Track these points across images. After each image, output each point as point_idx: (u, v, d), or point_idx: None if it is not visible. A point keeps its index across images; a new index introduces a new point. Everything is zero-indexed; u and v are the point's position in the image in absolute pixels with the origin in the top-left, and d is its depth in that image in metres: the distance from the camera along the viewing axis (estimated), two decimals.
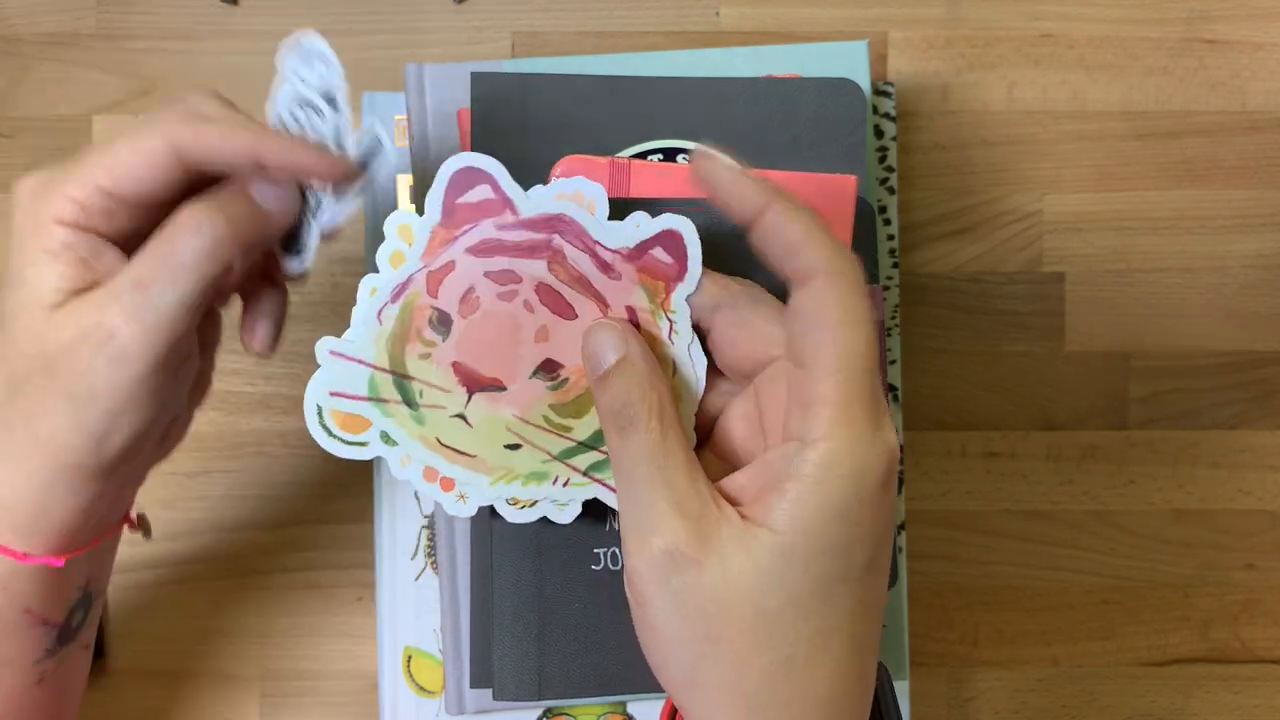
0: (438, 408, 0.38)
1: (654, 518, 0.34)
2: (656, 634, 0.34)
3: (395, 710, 0.50)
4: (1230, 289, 0.55)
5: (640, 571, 0.34)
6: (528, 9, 0.54)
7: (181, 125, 0.37)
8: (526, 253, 0.37)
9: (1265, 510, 0.55)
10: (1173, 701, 0.55)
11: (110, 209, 0.37)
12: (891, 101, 0.52)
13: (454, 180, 0.37)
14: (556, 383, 0.38)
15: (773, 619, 0.33)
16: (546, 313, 0.38)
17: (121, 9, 0.54)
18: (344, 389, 0.38)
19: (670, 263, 0.37)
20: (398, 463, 0.39)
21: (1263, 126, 0.55)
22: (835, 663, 0.34)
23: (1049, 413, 0.54)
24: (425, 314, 0.38)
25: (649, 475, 0.34)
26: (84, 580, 0.40)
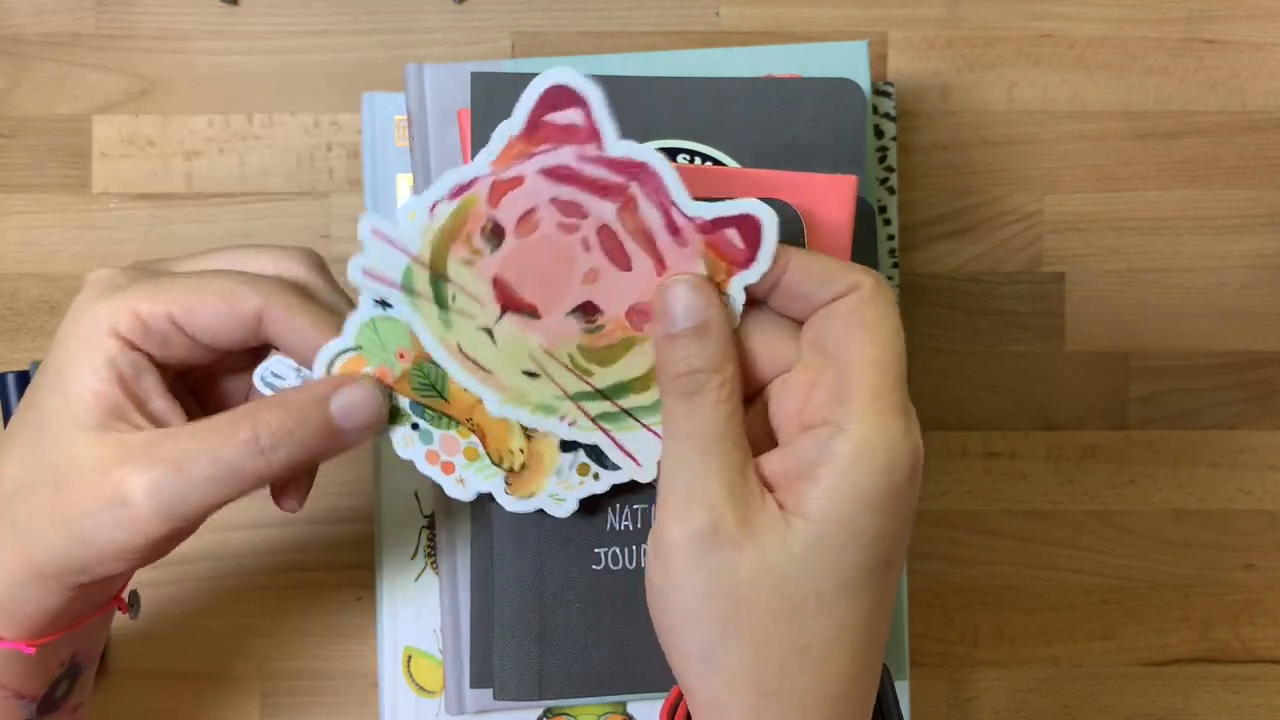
0: (467, 315, 0.37)
1: (705, 492, 0.33)
2: (676, 607, 0.34)
3: (395, 710, 0.50)
4: (1230, 289, 0.55)
5: (676, 542, 0.33)
6: (528, 9, 0.54)
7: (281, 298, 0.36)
8: (600, 191, 0.36)
9: (1265, 510, 0.55)
10: (1173, 701, 0.55)
11: (170, 338, 0.36)
12: (891, 101, 0.52)
13: (547, 95, 0.35)
14: (592, 327, 0.37)
15: (797, 609, 0.33)
16: (602, 256, 0.36)
17: (121, 9, 0.54)
18: (379, 271, 0.37)
19: (741, 248, 0.36)
20: (402, 441, 0.39)
21: (1263, 126, 0.55)
22: (849, 657, 0.34)
23: (1049, 413, 0.54)
24: (480, 221, 0.36)
25: (708, 447, 0.34)
26: (69, 655, 0.40)
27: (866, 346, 0.34)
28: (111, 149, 0.53)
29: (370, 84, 0.53)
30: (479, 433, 0.39)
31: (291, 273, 0.38)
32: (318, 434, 0.36)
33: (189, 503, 0.35)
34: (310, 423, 0.36)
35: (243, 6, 0.54)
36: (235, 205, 0.53)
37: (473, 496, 0.40)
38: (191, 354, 0.37)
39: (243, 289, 0.36)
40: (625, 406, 0.38)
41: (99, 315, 0.36)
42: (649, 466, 0.39)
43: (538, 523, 0.43)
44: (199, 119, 0.53)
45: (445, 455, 0.39)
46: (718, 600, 0.33)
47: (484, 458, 0.39)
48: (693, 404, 0.34)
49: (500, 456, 0.39)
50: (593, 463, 0.40)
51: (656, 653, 0.44)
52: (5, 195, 0.54)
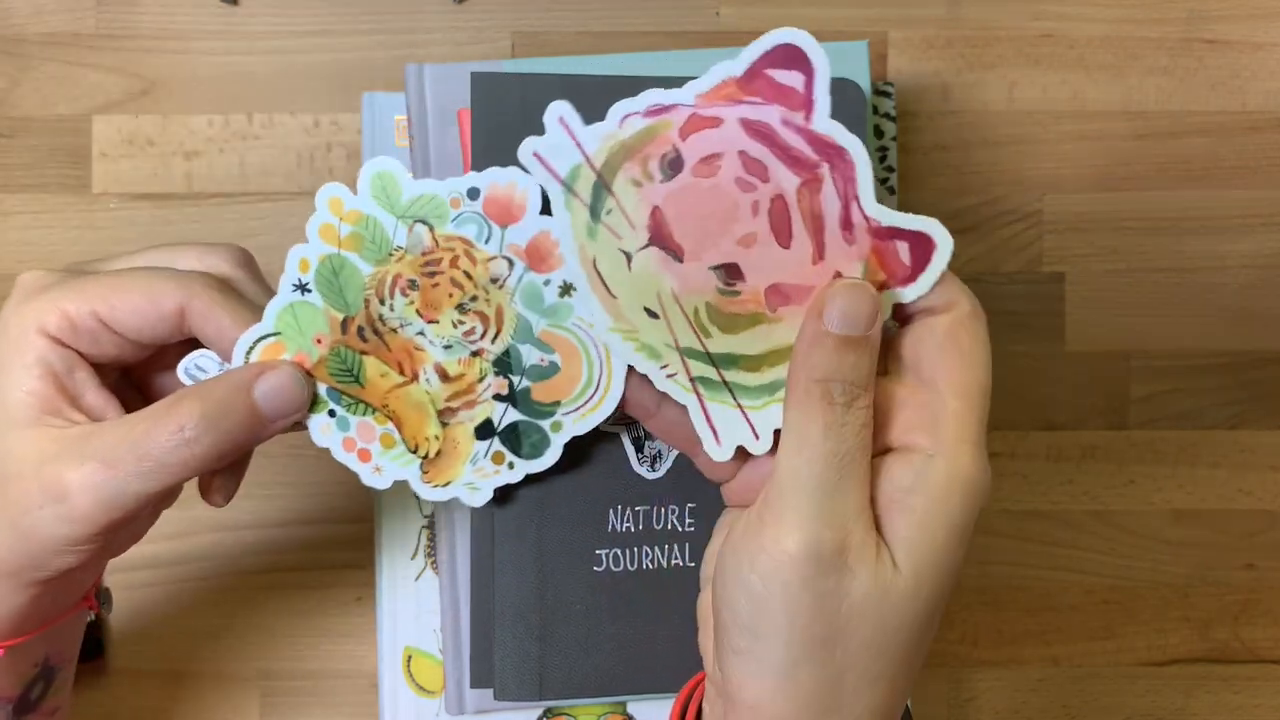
0: (614, 233, 0.37)
1: (835, 513, 0.32)
2: (767, 618, 0.33)
3: (395, 710, 0.50)
4: (1230, 289, 0.55)
5: (794, 557, 0.32)
6: (528, 9, 0.54)
7: (203, 292, 0.37)
8: (790, 161, 0.35)
9: (1265, 510, 0.55)
10: (1173, 701, 0.55)
11: (98, 335, 0.37)
12: (891, 101, 0.52)
13: (776, 51, 0.35)
14: (728, 290, 0.36)
15: (886, 640, 0.33)
16: (766, 225, 0.36)
17: (121, 9, 0.54)
18: (549, 159, 0.36)
19: (906, 264, 0.35)
20: (319, 429, 0.39)
21: (1263, 126, 0.55)
22: (907, 680, 0.34)
23: (1049, 413, 0.54)
24: (664, 148, 0.36)
25: (847, 466, 0.33)
26: (42, 656, 0.40)
27: (963, 373, 0.34)
28: (111, 149, 0.53)
29: (370, 84, 0.53)
30: (395, 419, 0.39)
31: (216, 268, 0.39)
32: (242, 422, 0.36)
33: (124, 495, 0.35)
34: (234, 411, 0.36)
35: (243, 6, 0.54)
36: (235, 205, 0.53)
37: (389, 485, 0.39)
38: (123, 350, 0.37)
39: (164, 285, 0.36)
40: (728, 379, 0.37)
41: (27, 316, 0.36)
42: (728, 446, 0.37)
43: (539, 523, 0.43)
44: (199, 119, 0.53)
45: (362, 442, 0.39)
46: (817, 622, 0.32)
47: (400, 444, 0.39)
48: (840, 417, 0.33)
49: (416, 443, 0.39)
50: (507, 450, 0.40)
51: (657, 653, 0.44)
52: (5, 195, 0.54)
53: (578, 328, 0.38)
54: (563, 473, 0.43)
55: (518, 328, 0.39)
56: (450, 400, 0.39)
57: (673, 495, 0.44)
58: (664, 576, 0.44)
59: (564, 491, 0.44)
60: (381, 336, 0.38)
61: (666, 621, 0.44)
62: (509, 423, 0.39)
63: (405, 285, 0.38)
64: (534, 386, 0.39)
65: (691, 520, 0.44)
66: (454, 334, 0.38)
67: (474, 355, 0.39)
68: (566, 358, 0.39)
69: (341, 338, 0.38)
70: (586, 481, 0.44)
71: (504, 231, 0.38)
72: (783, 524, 0.32)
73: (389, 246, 0.38)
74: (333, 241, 0.38)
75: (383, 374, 0.39)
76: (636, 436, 0.44)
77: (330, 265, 0.38)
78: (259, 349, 0.38)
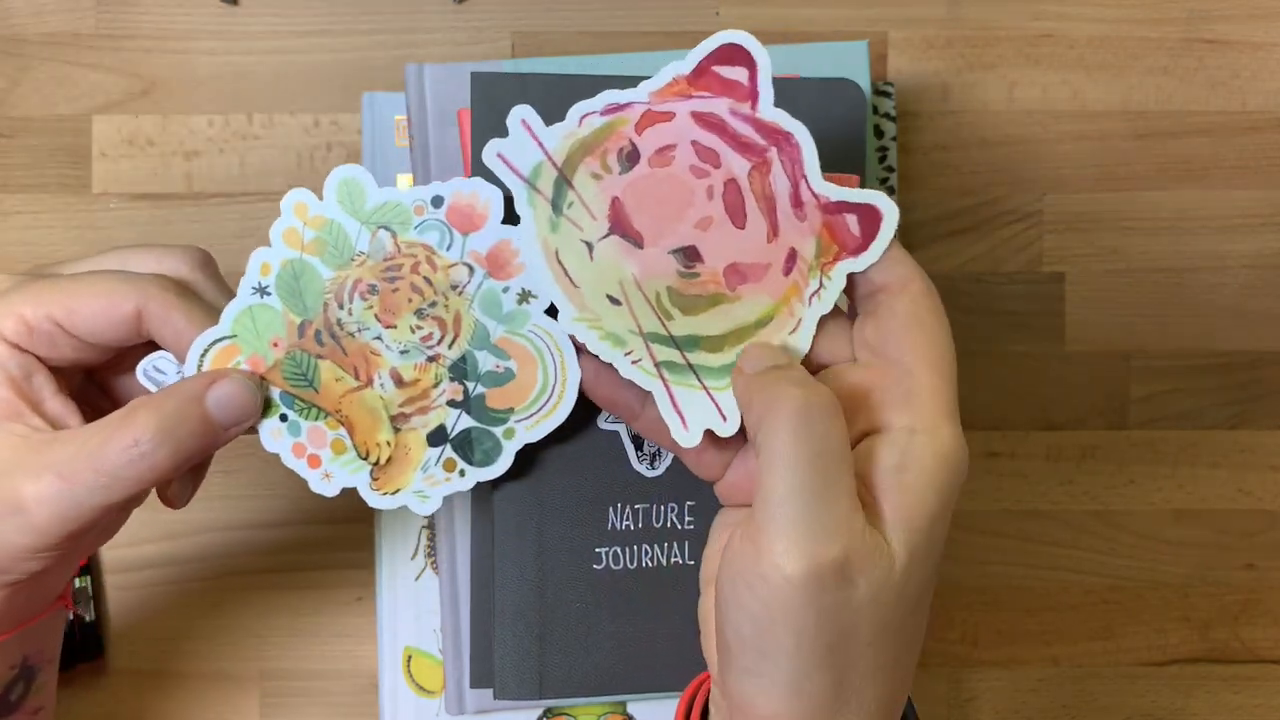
0: (575, 225, 0.38)
1: (828, 521, 0.32)
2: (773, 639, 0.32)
3: (395, 710, 0.50)
4: (1230, 289, 0.55)
5: (792, 578, 0.31)
6: (528, 9, 0.54)
7: (159, 295, 0.37)
8: (740, 147, 0.37)
9: (1265, 510, 0.55)
10: (1173, 701, 0.55)
11: (56, 339, 0.37)
12: (891, 101, 0.52)
13: (721, 50, 0.37)
14: (688, 272, 0.37)
15: (888, 632, 0.33)
16: (721, 208, 0.37)
17: (121, 9, 0.54)
18: (512, 159, 0.37)
19: (856, 235, 0.37)
20: (270, 434, 0.39)
21: (1263, 126, 0.55)
22: (909, 666, 0.35)
23: (1049, 413, 0.54)
24: (621, 142, 0.37)
25: (834, 472, 0.32)
26: (20, 657, 0.40)
27: (930, 348, 0.34)
28: (111, 149, 0.53)
29: (370, 84, 0.53)
30: (347, 424, 0.39)
31: (175, 270, 0.39)
32: (196, 431, 0.36)
33: (81, 507, 0.35)
34: (188, 422, 0.36)
35: (243, 6, 0.54)
36: (235, 205, 0.53)
37: (337, 492, 0.39)
38: (81, 354, 0.38)
39: (121, 288, 0.36)
40: (692, 361, 0.38)
41: None
42: (695, 430, 0.37)
43: (538, 522, 0.43)
44: (199, 119, 0.53)
45: (312, 448, 0.39)
46: (824, 634, 0.32)
47: (350, 450, 0.39)
48: (821, 424, 0.32)
49: (367, 449, 0.39)
50: (459, 458, 0.40)
51: (657, 652, 0.44)
52: (5, 195, 0.54)
53: (534, 334, 0.39)
54: (562, 471, 0.44)
55: (475, 334, 0.39)
56: (404, 405, 0.39)
57: (672, 493, 0.44)
58: (664, 575, 0.44)
59: (564, 490, 0.44)
60: (338, 341, 0.39)
61: (667, 620, 0.44)
62: (462, 429, 0.40)
63: (365, 289, 0.39)
64: (489, 393, 0.39)
65: (691, 518, 0.44)
66: (411, 339, 0.39)
67: (430, 361, 0.39)
68: (522, 364, 0.39)
69: (298, 342, 0.39)
70: (586, 480, 0.44)
71: (465, 239, 0.39)
72: (777, 546, 0.32)
73: (351, 252, 0.39)
74: (296, 246, 0.38)
75: (337, 378, 0.39)
76: (636, 434, 0.44)
77: (292, 269, 0.38)
78: (214, 352, 0.38)
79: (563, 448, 0.43)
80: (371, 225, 0.38)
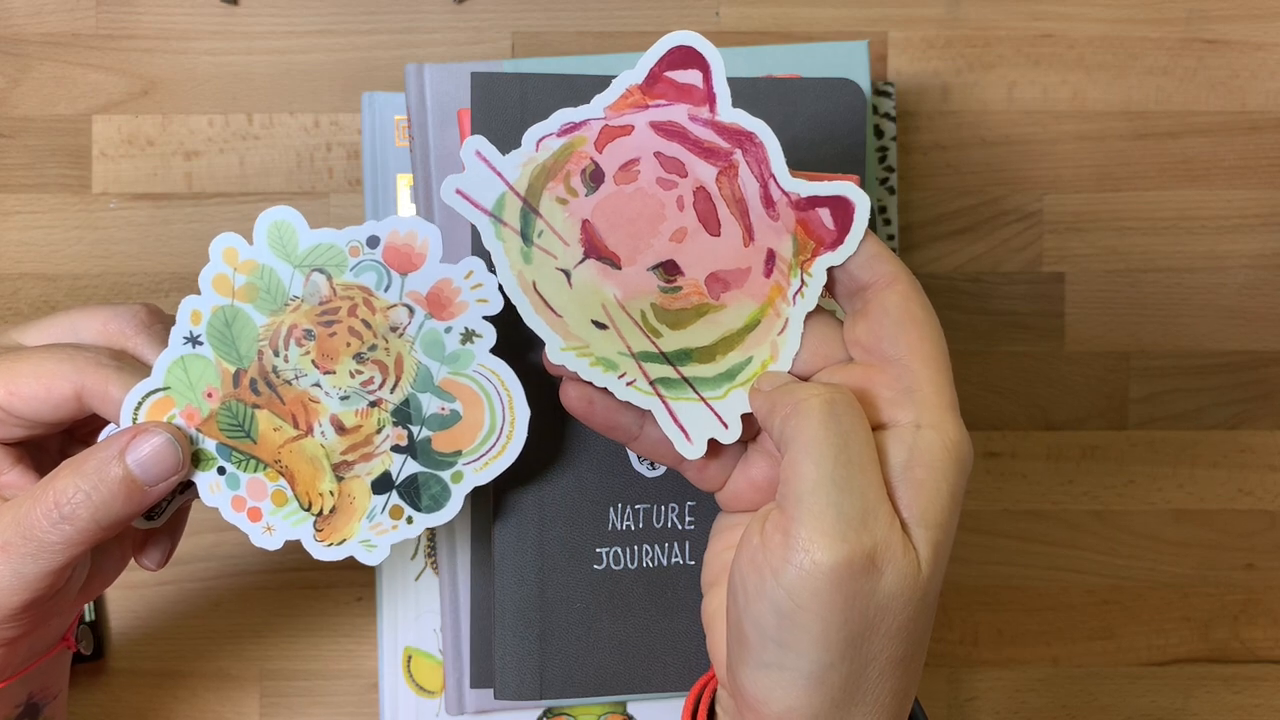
0: (549, 254, 0.37)
1: (858, 508, 0.32)
2: (798, 628, 0.32)
3: (395, 710, 0.50)
4: (1230, 289, 0.55)
5: (823, 567, 0.31)
6: (528, 9, 0.54)
7: (94, 371, 0.36)
8: (704, 154, 0.36)
9: (1265, 510, 0.55)
10: (1173, 701, 0.55)
11: (2, 420, 0.37)
12: (891, 101, 0.52)
13: (672, 53, 0.36)
14: (670, 286, 0.37)
15: (907, 623, 0.33)
16: (694, 218, 0.36)
17: (121, 9, 0.54)
18: (473, 194, 0.36)
19: (831, 229, 0.36)
20: (207, 488, 0.38)
21: (1263, 126, 0.55)
22: (921, 657, 0.34)
23: (1049, 413, 0.54)
24: (582, 162, 0.36)
25: (862, 462, 0.32)
26: (24, 697, 0.40)
27: (925, 343, 0.34)
28: (111, 149, 0.53)
29: (370, 84, 0.53)
30: (287, 475, 0.38)
31: (118, 335, 0.38)
32: (117, 492, 0.35)
33: (23, 577, 0.35)
34: (107, 482, 0.35)
35: (243, 6, 0.54)
36: (235, 205, 0.53)
37: (279, 545, 0.38)
38: (32, 430, 0.37)
39: (58, 369, 0.36)
40: (686, 375, 0.37)
41: None
42: (699, 441, 0.37)
43: (539, 522, 0.43)
44: (199, 119, 0.53)
45: (252, 501, 0.38)
46: (850, 624, 0.32)
47: (293, 501, 0.38)
48: (833, 410, 0.33)
49: (309, 500, 0.38)
50: (405, 504, 0.39)
51: (657, 652, 0.44)
52: (5, 195, 0.54)
53: (480, 374, 0.38)
54: (562, 471, 0.44)
55: (418, 376, 0.38)
56: (346, 453, 0.38)
57: (672, 493, 0.44)
58: (664, 575, 0.44)
59: (564, 490, 0.44)
60: (275, 389, 0.38)
61: (667, 620, 0.44)
62: (408, 475, 0.39)
63: (301, 335, 0.38)
64: (435, 436, 0.38)
65: (692, 519, 0.44)
66: (352, 384, 0.38)
67: (372, 406, 0.38)
68: (468, 405, 0.38)
69: (234, 391, 0.38)
70: (586, 480, 0.44)
71: (404, 279, 0.38)
72: (810, 535, 0.32)
73: (285, 297, 0.38)
74: (226, 293, 0.37)
75: (276, 428, 0.38)
76: None
77: (223, 316, 0.37)
78: (147, 405, 0.37)
79: (563, 448, 0.43)
80: (305, 268, 0.37)
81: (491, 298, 0.38)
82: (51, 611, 0.38)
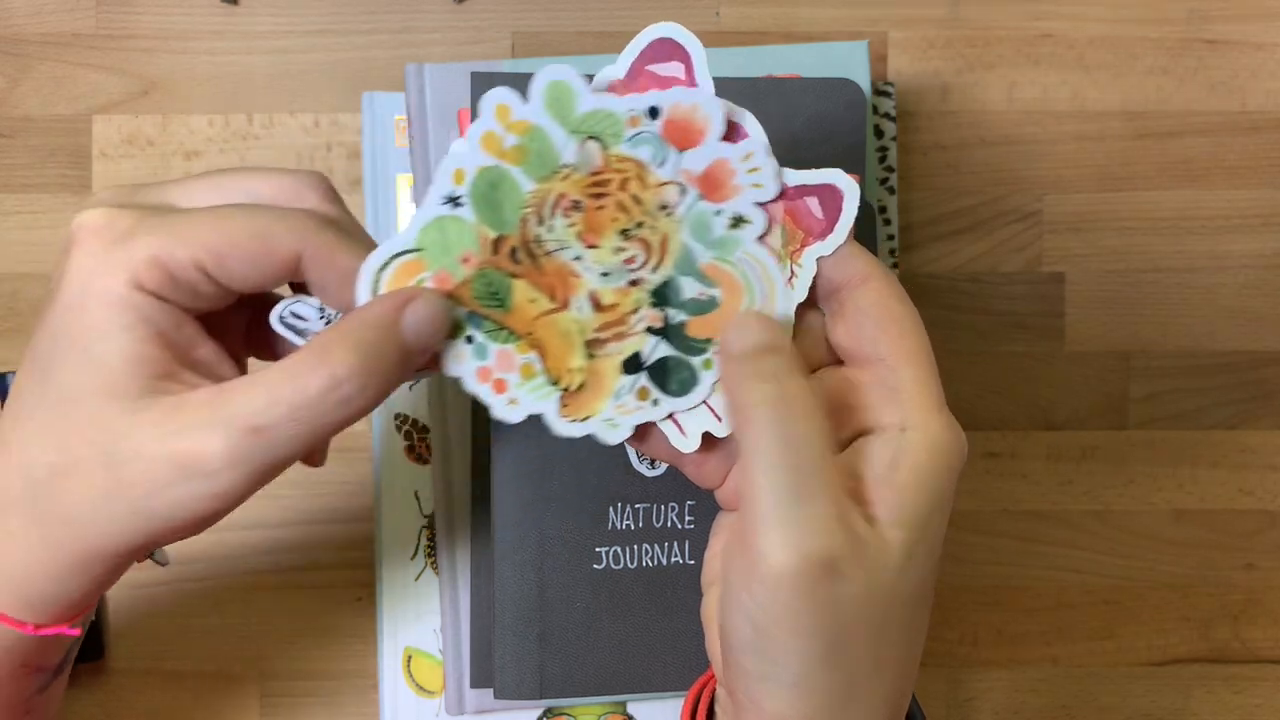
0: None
1: (813, 515, 0.31)
2: (772, 639, 0.32)
3: (395, 710, 0.50)
4: (1230, 289, 0.55)
5: (784, 575, 0.31)
6: (528, 9, 0.54)
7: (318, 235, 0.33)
8: None
9: (1265, 510, 0.55)
10: (1173, 701, 0.55)
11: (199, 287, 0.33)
12: (891, 101, 0.52)
13: (652, 46, 0.35)
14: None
15: (886, 624, 0.33)
16: None
17: (121, 9, 0.54)
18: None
19: (819, 218, 0.35)
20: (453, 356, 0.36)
21: (1263, 126, 0.55)
22: (913, 660, 0.34)
23: (1049, 413, 0.54)
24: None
25: (810, 466, 0.31)
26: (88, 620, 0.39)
27: (905, 339, 0.34)
28: (111, 149, 0.53)
29: (370, 84, 0.53)
30: (539, 348, 0.36)
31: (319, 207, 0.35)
32: (396, 362, 0.33)
33: (272, 460, 0.32)
34: (388, 353, 0.33)
35: (243, 6, 0.54)
36: None
37: (522, 418, 0.36)
38: (218, 301, 0.34)
39: (277, 228, 0.33)
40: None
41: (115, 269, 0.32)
42: (693, 435, 0.36)
43: (539, 521, 0.43)
44: (199, 119, 0.53)
45: (499, 372, 0.36)
46: (823, 630, 0.32)
47: (540, 375, 0.36)
48: (782, 422, 0.32)
49: (559, 375, 0.36)
50: (654, 386, 0.37)
51: (657, 653, 0.44)
52: (5, 195, 0.54)
53: (744, 262, 0.36)
54: (562, 470, 0.44)
55: (681, 258, 0.36)
56: (600, 330, 0.36)
57: (673, 493, 0.44)
58: (664, 574, 0.44)
59: (564, 489, 0.44)
60: (536, 259, 0.36)
61: (667, 620, 0.44)
62: (659, 357, 0.37)
63: (568, 206, 0.35)
64: (690, 321, 0.36)
65: (692, 518, 0.44)
66: (614, 260, 0.36)
67: (632, 284, 0.36)
68: (728, 292, 0.36)
69: (492, 258, 0.35)
70: (587, 479, 0.44)
71: (680, 156, 0.35)
72: (762, 545, 0.31)
73: (555, 163, 0.35)
74: (495, 152, 0.35)
75: (531, 299, 0.36)
76: None
77: (488, 178, 0.35)
78: (393, 267, 0.35)
79: (563, 447, 0.43)
80: (580, 135, 0.35)
81: (766, 183, 0.36)
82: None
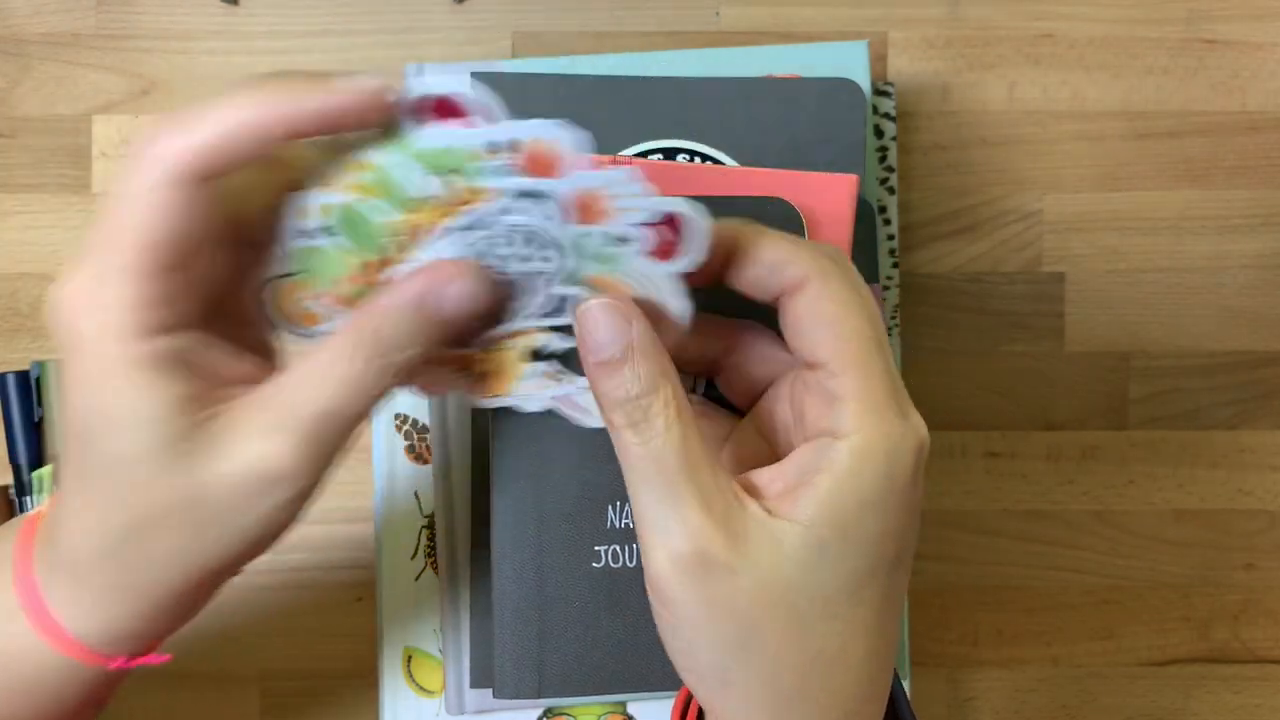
0: None
1: (679, 518, 0.32)
2: (684, 637, 0.33)
3: (395, 710, 0.50)
4: (1230, 289, 0.55)
5: (666, 576, 0.32)
6: (528, 9, 0.54)
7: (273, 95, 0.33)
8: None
9: (1265, 510, 0.55)
10: (1173, 701, 0.55)
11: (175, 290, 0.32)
12: (891, 101, 0.52)
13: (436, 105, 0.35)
14: None
15: (804, 616, 0.32)
16: None
17: (121, 9, 0.54)
18: None
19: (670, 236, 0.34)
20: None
21: (1263, 126, 0.55)
22: (862, 659, 0.33)
23: (1049, 413, 0.54)
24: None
25: (671, 474, 0.32)
26: None
27: (840, 343, 0.33)
28: (111, 149, 0.53)
29: None
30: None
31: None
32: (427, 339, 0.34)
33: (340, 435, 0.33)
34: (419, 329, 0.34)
35: (243, 6, 0.54)
36: None
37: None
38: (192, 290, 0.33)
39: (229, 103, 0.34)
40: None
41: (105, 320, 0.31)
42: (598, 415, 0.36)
43: (538, 520, 0.43)
44: None
45: None
46: (722, 624, 0.32)
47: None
48: (642, 432, 0.33)
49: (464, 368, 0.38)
50: (562, 369, 0.38)
51: (657, 652, 0.44)
52: (5, 195, 0.54)
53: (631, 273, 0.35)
54: (561, 469, 0.43)
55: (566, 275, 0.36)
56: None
57: None
58: None
59: (562, 488, 0.44)
60: None
61: None
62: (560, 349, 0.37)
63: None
64: None
65: None
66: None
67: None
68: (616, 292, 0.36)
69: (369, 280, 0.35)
70: (585, 477, 0.44)
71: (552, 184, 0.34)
72: (646, 549, 0.33)
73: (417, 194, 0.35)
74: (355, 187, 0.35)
75: None
76: None
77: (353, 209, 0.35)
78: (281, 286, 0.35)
79: (563, 446, 0.43)
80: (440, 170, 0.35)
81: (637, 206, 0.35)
82: None
